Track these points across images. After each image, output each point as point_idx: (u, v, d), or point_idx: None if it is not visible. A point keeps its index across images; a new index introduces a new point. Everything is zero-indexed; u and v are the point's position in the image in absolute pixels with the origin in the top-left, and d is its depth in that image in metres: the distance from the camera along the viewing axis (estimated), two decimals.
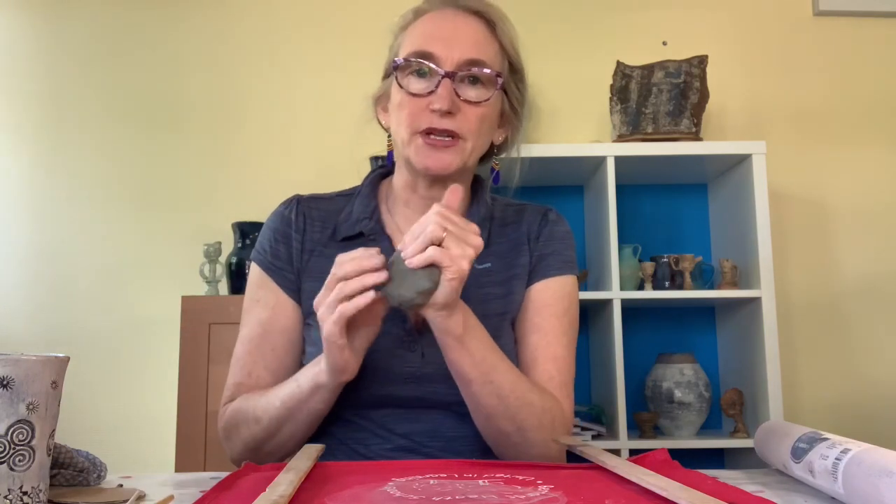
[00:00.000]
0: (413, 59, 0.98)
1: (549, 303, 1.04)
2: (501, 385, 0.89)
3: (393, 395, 0.97)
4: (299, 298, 1.03)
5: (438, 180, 1.01)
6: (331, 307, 0.82)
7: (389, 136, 1.07)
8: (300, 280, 1.03)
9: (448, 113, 0.95)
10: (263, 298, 1.04)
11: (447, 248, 0.80)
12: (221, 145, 2.40)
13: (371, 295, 0.81)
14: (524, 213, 1.10)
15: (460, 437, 0.98)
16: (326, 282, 0.83)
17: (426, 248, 0.80)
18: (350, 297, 0.81)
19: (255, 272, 1.06)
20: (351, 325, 0.84)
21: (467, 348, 0.87)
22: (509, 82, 1.04)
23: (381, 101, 1.08)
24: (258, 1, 2.47)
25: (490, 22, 1.02)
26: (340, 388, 0.91)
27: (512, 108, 1.06)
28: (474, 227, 0.83)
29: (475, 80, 0.98)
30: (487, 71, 0.98)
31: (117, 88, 2.42)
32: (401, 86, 0.98)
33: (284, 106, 2.42)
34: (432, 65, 0.97)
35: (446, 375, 0.94)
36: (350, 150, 1.14)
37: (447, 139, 0.97)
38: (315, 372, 0.90)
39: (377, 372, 0.96)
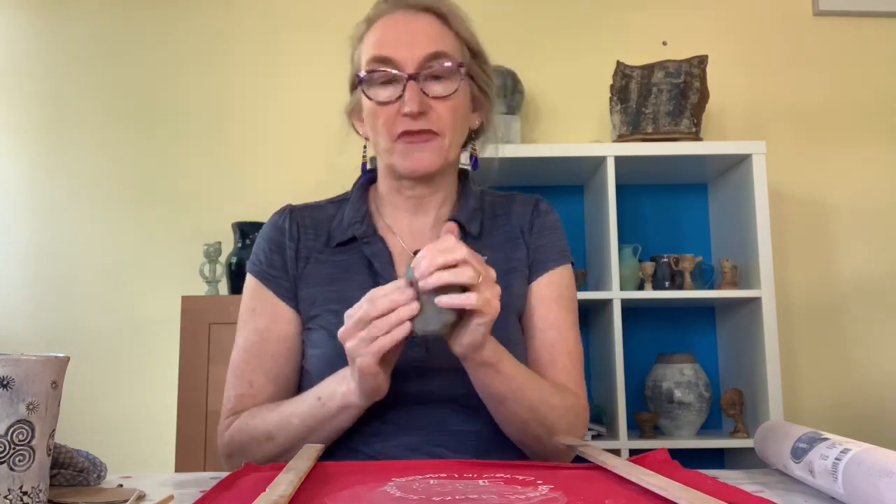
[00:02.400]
0: (374, 68, 0.98)
1: (556, 297, 1.06)
2: (532, 398, 0.92)
3: (399, 390, 0.96)
4: (297, 306, 1.04)
5: (423, 179, 1.03)
6: (364, 342, 0.82)
7: (365, 146, 1.09)
8: (296, 287, 1.04)
9: (420, 114, 0.96)
10: (260, 307, 1.04)
11: (480, 293, 0.80)
12: (221, 145, 2.40)
13: (408, 327, 0.82)
14: (514, 205, 1.11)
15: (466, 432, 0.98)
16: (357, 316, 0.83)
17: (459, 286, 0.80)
18: (385, 332, 0.82)
19: (250, 282, 1.06)
20: None
21: (502, 373, 0.89)
22: (473, 67, 1.04)
23: (354, 112, 1.09)
24: (258, 1, 2.47)
25: (441, 15, 1.01)
26: (362, 411, 0.92)
27: (481, 91, 1.06)
28: (482, 259, 0.84)
29: (439, 75, 0.98)
30: (449, 64, 0.98)
31: (117, 88, 2.42)
32: (369, 97, 0.99)
33: (284, 106, 2.42)
34: (394, 70, 0.97)
35: (453, 368, 0.95)
36: (349, 150, 1.14)
37: (425, 135, 0.98)
38: (343, 392, 0.89)
39: None
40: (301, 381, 1.04)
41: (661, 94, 2.12)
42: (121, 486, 0.76)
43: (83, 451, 0.76)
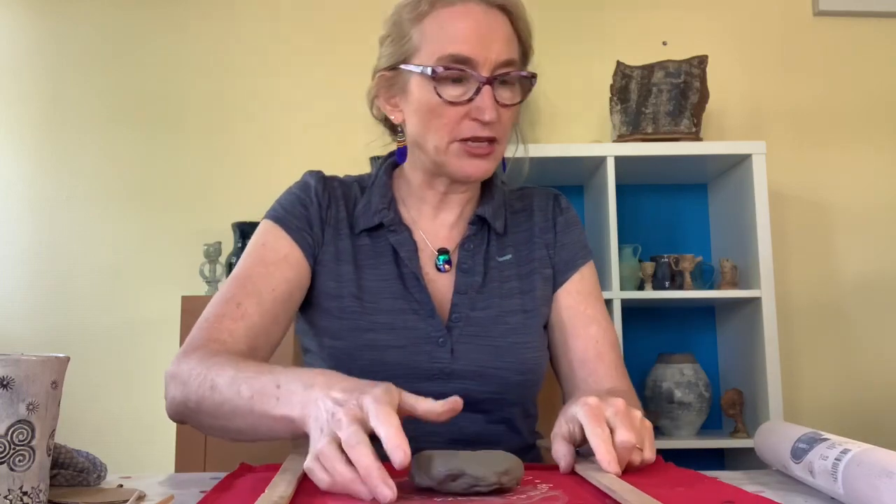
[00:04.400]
0: (452, 65, 0.92)
1: (591, 291, 1.06)
2: None
3: (420, 392, 0.92)
4: (312, 262, 0.98)
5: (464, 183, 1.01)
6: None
7: (400, 131, 1.02)
8: (316, 248, 0.99)
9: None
10: (272, 244, 0.97)
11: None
12: (221, 145, 2.40)
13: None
14: (532, 200, 1.09)
15: (485, 438, 0.97)
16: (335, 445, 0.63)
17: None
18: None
19: (265, 225, 1.00)
20: None
21: None
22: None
23: (382, 92, 1.01)
24: (259, 2, 2.47)
25: (511, 15, 0.98)
26: None
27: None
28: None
29: (507, 82, 0.95)
30: (524, 74, 0.96)
31: (118, 89, 2.42)
32: (438, 94, 0.93)
33: (284, 106, 2.42)
34: (472, 71, 0.92)
35: (477, 372, 0.93)
36: (349, 149, 1.14)
37: (485, 145, 0.94)
38: (279, 417, 0.72)
39: (402, 367, 0.94)
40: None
41: (661, 94, 2.12)
42: (121, 486, 0.76)
43: (83, 451, 0.76)
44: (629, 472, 0.71)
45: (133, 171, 2.39)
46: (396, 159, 1.05)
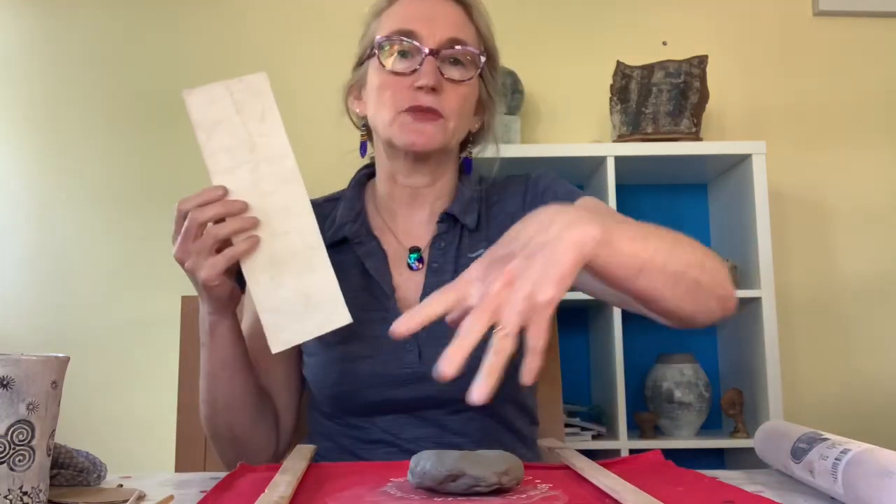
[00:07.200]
0: (395, 37, 0.96)
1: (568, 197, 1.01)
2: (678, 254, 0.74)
3: (394, 398, 0.95)
4: None
5: (420, 161, 1.00)
6: (204, 255, 0.83)
7: (363, 125, 1.07)
8: None
9: (433, 90, 0.94)
10: (247, 303, 1.06)
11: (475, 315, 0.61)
12: None
13: (257, 238, 0.82)
14: (507, 189, 1.08)
15: (465, 433, 0.97)
16: (184, 228, 0.84)
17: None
18: (224, 240, 0.82)
19: None
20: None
21: (619, 250, 0.66)
22: (485, 67, 1.02)
23: (353, 90, 1.07)
24: (259, 3, 2.47)
25: (466, 6, 1.01)
26: (236, 325, 0.92)
27: (488, 94, 1.05)
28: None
29: (457, 61, 0.98)
30: (471, 49, 0.98)
31: (117, 88, 2.42)
32: (383, 65, 0.97)
33: (284, 105, 2.41)
34: (416, 42, 0.95)
35: None
36: (349, 149, 1.14)
37: (431, 114, 0.96)
38: (204, 320, 0.92)
39: (374, 377, 0.95)
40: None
41: (661, 94, 2.12)
42: (121, 486, 0.76)
43: (83, 451, 0.76)
44: (628, 471, 0.72)
45: (133, 171, 2.39)
46: (361, 154, 1.09)
